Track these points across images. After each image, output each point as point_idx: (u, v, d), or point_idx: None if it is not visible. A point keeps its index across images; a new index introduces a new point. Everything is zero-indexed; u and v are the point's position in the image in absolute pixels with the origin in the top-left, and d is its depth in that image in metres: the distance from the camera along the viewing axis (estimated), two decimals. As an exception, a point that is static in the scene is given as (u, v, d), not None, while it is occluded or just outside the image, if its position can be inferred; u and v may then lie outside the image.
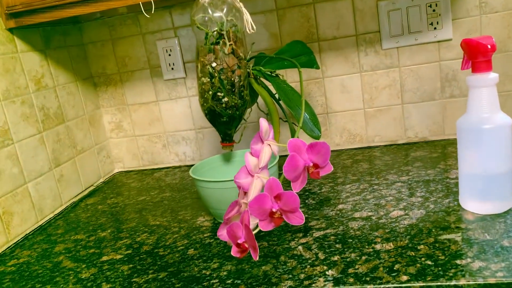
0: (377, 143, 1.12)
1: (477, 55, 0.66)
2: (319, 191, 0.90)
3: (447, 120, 1.07)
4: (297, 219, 0.57)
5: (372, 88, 1.08)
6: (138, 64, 1.19)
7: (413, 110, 1.08)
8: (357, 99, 1.10)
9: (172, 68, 1.17)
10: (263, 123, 0.65)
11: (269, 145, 0.66)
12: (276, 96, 0.92)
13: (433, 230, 0.68)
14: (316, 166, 0.59)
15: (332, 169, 0.62)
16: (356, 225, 0.74)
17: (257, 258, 0.57)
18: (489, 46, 0.65)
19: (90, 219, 0.96)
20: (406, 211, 0.76)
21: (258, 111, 1.13)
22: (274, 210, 0.58)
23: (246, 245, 0.59)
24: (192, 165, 1.22)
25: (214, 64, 0.80)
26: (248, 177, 0.64)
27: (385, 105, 1.09)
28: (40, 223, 0.97)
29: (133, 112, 1.23)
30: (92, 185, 1.17)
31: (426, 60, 1.04)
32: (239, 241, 0.59)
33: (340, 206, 0.82)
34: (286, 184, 0.63)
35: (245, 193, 0.64)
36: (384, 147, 1.10)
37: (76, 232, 0.91)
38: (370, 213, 0.77)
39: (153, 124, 1.23)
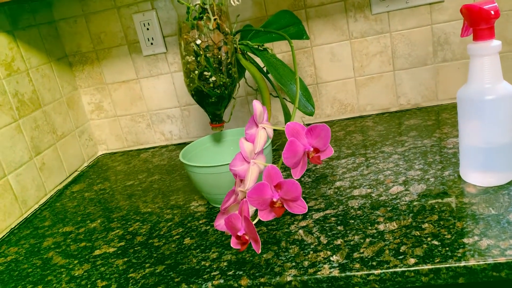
0: (369, 112, 1.09)
1: (479, 22, 0.62)
2: (314, 168, 0.87)
3: (439, 85, 1.04)
4: (299, 207, 0.54)
5: (362, 55, 1.04)
6: (115, 40, 1.12)
7: (405, 77, 1.05)
8: (348, 67, 1.06)
9: (152, 43, 1.10)
10: (257, 105, 0.61)
11: (264, 128, 0.63)
12: (264, 69, 0.88)
13: (436, 206, 0.67)
14: (316, 150, 0.56)
15: (333, 152, 0.59)
16: (356, 204, 0.72)
17: (260, 251, 0.55)
18: (492, 12, 0.61)
19: (77, 209, 0.93)
20: (406, 186, 0.74)
21: (245, 86, 1.09)
22: (274, 199, 0.55)
23: (247, 237, 0.56)
24: (179, 144, 1.18)
25: (198, 42, 0.75)
26: (244, 164, 0.60)
27: (376, 73, 1.05)
28: (25, 216, 0.93)
29: (113, 92, 1.17)
30: (76, 170, 1.12)
31: (417, 24, 1.00)
32: (239, 233, 0.56)
33: (338, 184, 0.79)
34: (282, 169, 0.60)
35: (242, 180, 0.61)
36: (376, 116, 1.08)
37: (64, 224, 0.87)
38: (369, 190, 0.75)
39: (135, 103, 1.17)
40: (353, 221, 0.67)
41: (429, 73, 1.03)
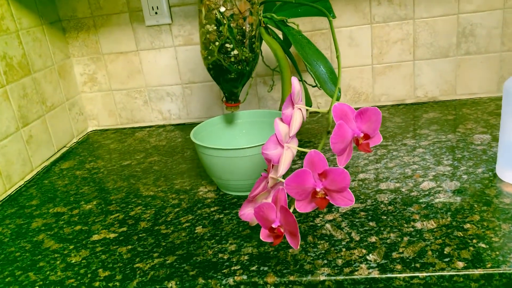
0: (384, 103, 1.04)
1: (540, 8, 0.57)
2: (332, 158, 0.81)
3: (459, 79, 1.00)
4: (345, 200, 0.48)
5: (382, 41, 0.98)
6: (115, 6, 1.02)
7: (425, 67, 0.99)
8: (366, 53, 1.00)
9: (156, 13, 1.01)
10: (295, 83, 0.55)
11: (300, 109, 0.56)
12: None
13: (475, 205, 0.62)
14: (366, 136, 0.50)
15: (382, 139, 0.53)
16: (386, 199, 0.66)
17: (298, 247, 0.49)
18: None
19: (69, 188, 0.84)
20: (438, 183, 0.68)
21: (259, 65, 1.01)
22: (318, 189, 0.48)
23: (282, 230, 0.49)
24: (178, 125, 1.10)
25: (222, 9, 0.67)
26: (277, 147, 0.54)
27: (395, 61, 1.00)
28: (9, 192, 0.84)
29: (109, 63, 1.08)
30: (65, 146, 1.03)
31: (443, 12, 0.95)
32: (273, 225, 0.49)
33: (361, 176, 0.73)
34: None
35: (273, 166, 0.54)
36: (391, 107, 1.02)
37: (54, 204, 0.78)
38: (397, 184, 0.69)
39: (133, 77, 1.08)
40: (385, 217, 0.62)
41: (450, 65, 0.98)
